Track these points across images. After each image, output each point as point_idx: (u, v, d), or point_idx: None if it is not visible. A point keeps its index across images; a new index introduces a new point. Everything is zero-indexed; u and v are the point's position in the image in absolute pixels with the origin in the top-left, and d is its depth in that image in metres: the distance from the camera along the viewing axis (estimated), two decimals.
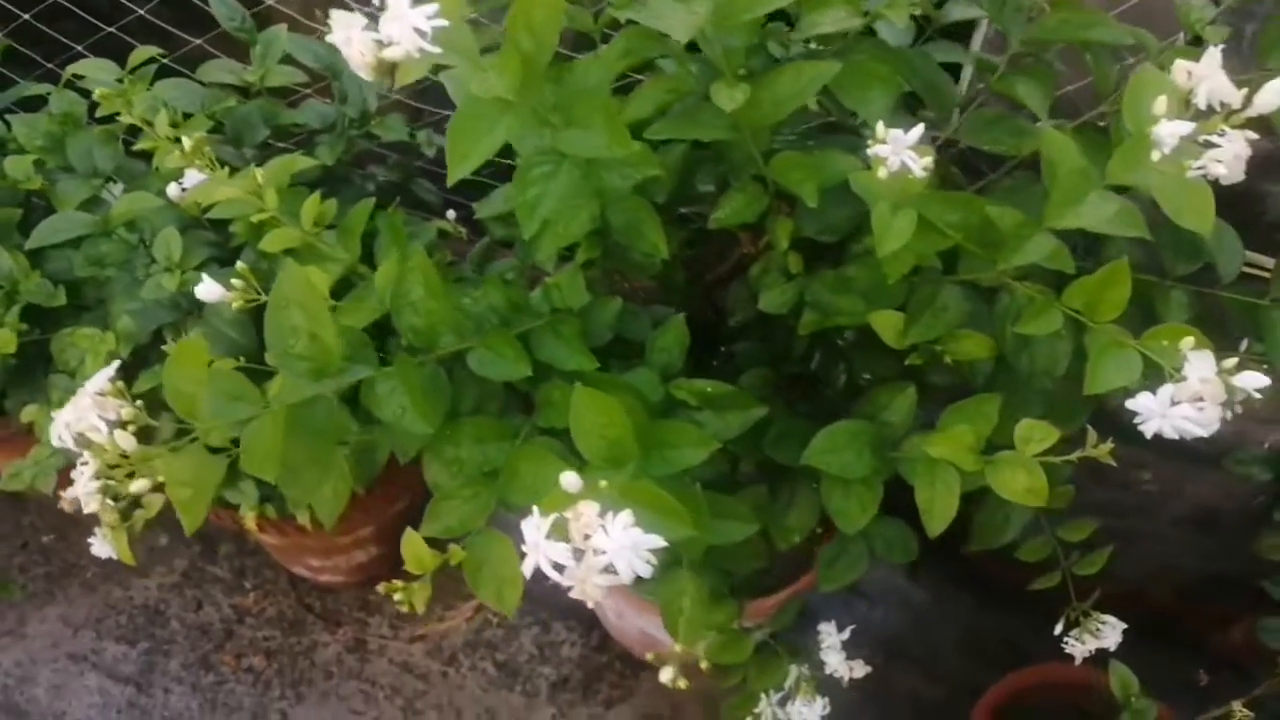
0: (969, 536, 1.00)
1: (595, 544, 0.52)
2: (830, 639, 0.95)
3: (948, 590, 1.62)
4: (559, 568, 0.53)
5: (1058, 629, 1.04)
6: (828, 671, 0.94)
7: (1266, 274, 0.85)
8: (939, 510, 0.71)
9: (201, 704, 1.54)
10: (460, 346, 0.70)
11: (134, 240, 1.06)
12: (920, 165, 0.64)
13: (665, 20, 0.62)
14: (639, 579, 0.52)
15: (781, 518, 0.89)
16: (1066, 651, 1.04)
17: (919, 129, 0.64)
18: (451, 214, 1.09)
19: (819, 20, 0.75)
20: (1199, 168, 0.52)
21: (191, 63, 1.17)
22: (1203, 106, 0.52)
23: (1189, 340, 0.57)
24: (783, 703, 0.94)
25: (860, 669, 0.95)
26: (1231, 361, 0.57)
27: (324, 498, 0.79)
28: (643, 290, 1.02)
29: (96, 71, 1.12)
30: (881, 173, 0.64)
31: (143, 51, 1.12)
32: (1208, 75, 0.52)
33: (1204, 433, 0.57)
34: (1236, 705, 1.06)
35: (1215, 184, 0.56)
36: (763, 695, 0.95)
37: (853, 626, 0.97)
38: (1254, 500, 1.19)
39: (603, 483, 0.54)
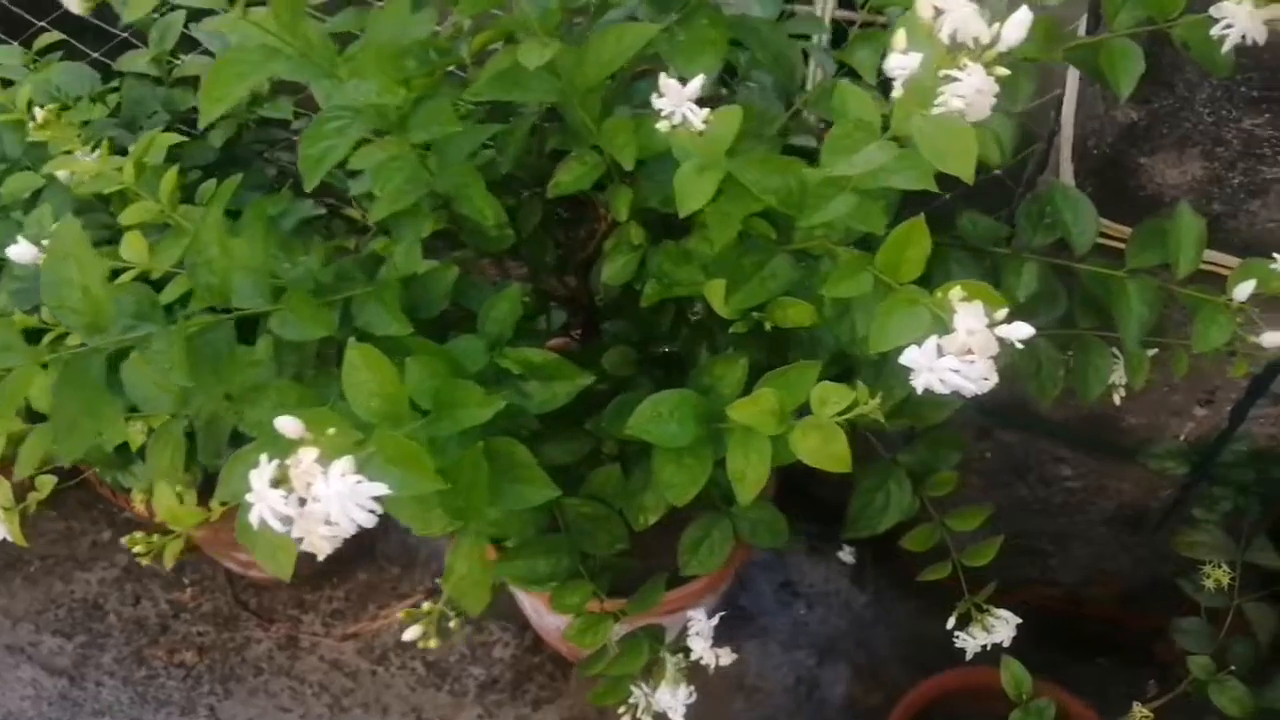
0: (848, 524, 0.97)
1: (313, 492, 0.50)
2: (699, 625, 0.92)
3: (889, 592, 1.58)
4: (286, 519, 0.52)
5: (949, 623, 1.01)
6: (693, 658, 0.92)
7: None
8: (751, 478, 0.69)
9: (132, 698, 1.54)
10: (262, 309, 0.69)
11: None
12: (699, 118, 0.62)
13: None
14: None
15: (636, 497, 0.87)
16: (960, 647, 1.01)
17: (699, 80, 0.62)
18: None
19: None
20: (939, 105, 0.49)
21: None
22: (947, 42, 0.50)
23: (957, 291, 0.55)
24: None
25: (727, 656, 0.92)
26: (1002, 312, 0.54)
27: (162, 468, 0.78)
28: (517, 274, 1.01)
29: (3, 57, 1.14)
30: (663, 125, 0.62)
31: (47, 37, 1.14)
32: (952, 9, 0.50)
33: (974, 388, 0.54)
34: (1138, 706, 1.02)
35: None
36: (634, 685, 0.93)
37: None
38: (1165, 495, 1.15)
39: (330, 430, 0.52)
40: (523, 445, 0.71)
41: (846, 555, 1.64)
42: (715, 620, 0.94)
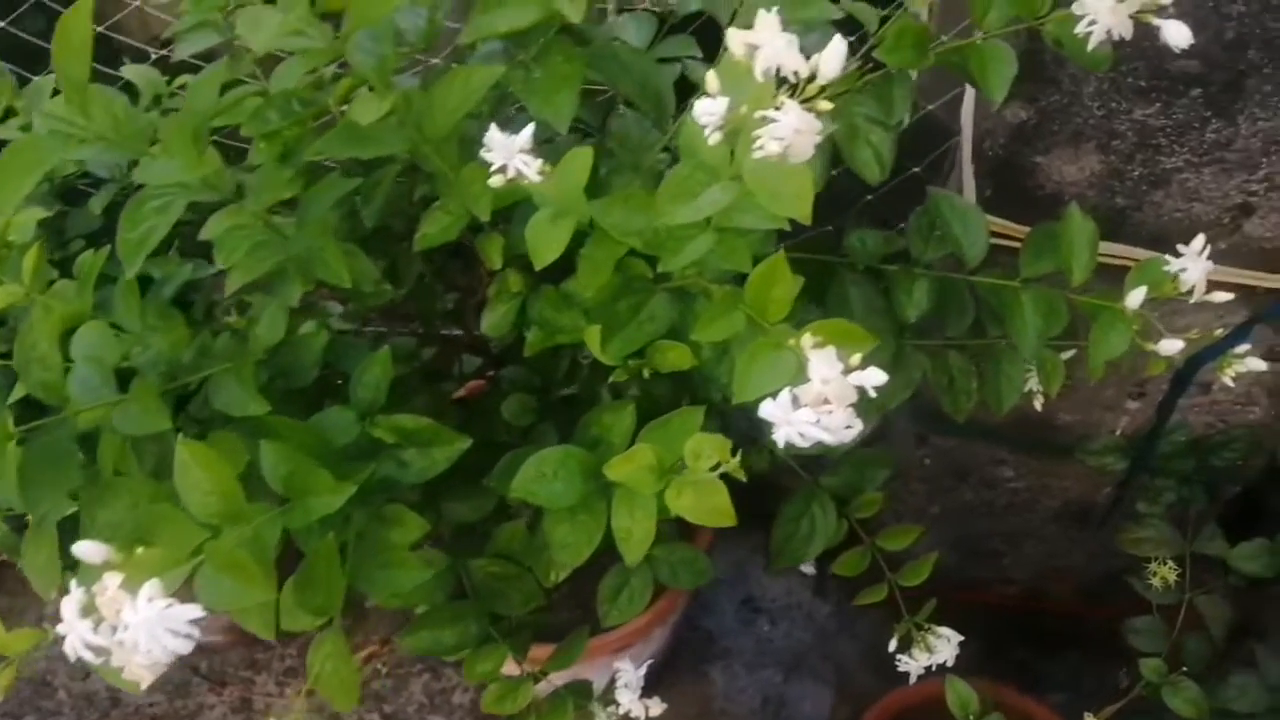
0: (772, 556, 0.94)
1: (122, 620, 0.46)
2: (626, 676, 0.88)
3: (851, 602, 1.55)
4: (100, 651, 0.48)
5: (891, 645, 0.98)
6: (622, 711, 0.88)
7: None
8: (638, 537, 0.65)
9: None
10: (106, 401, 0.65)
11: None
12: (534, 169, 0.58)
13: (252, 35, 0.57)
14: None
15: (544, 553, 0.83)
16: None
17: (528, 131, 0.59)
18: None
19: (492, 22, 0.70)
20: (758, 148, 0.46)
21: None
22: (761, 79, 0.46)
23: (808, 337, 0.51)
24: None
25: (657, 707, 0.88)
26: (856, 357, 0.50)
27: (37, 566, 0.74)
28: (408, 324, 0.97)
29: None
30: (496, 180, 0.59)
31: None
32: (765, 43, 0.46)
33: (835, 440, 0.51)
34: (1089, 718, 0.98)
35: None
36: None
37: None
38: (1108, 491, 1.12)
39: (139, 549, 0.48)
40: (401, 522, 0.68)
41: (807, 566, 1.60)
42: (643, 670, 0.90)
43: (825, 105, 0.47)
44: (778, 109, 0.46)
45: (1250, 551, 1.03)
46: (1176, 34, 0.62)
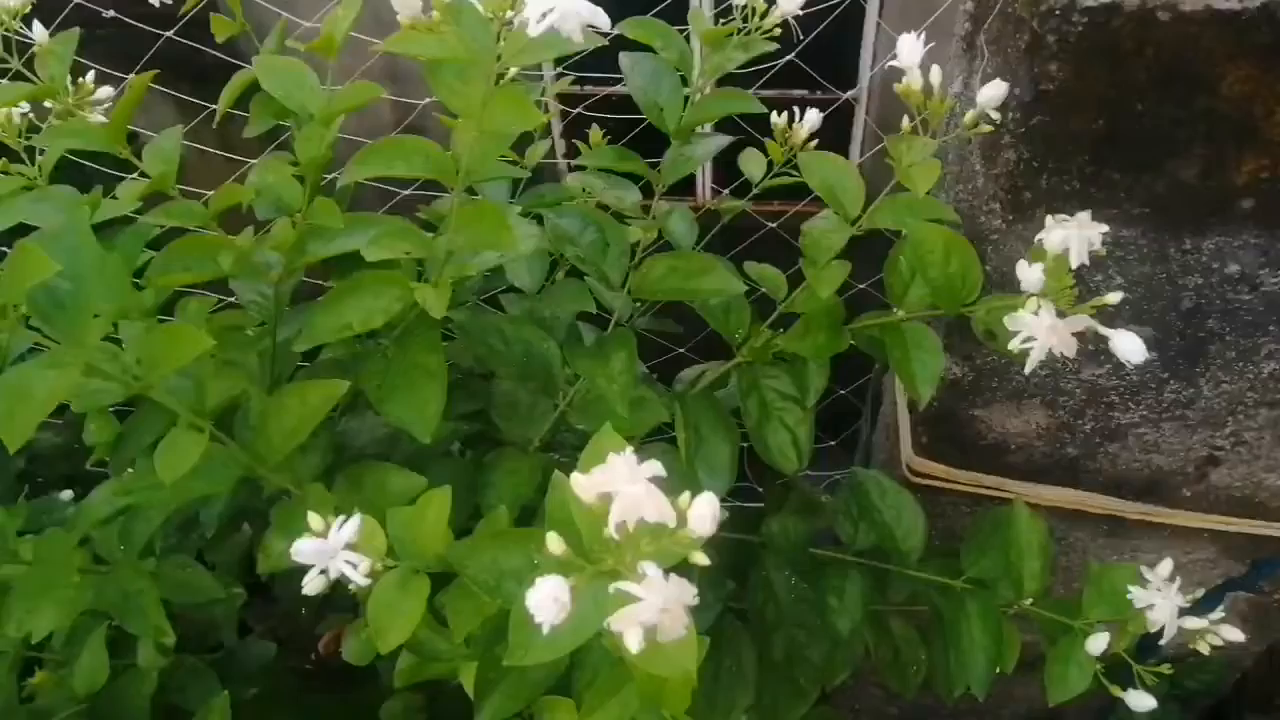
0: None
1: None
2: None
3: None
4: None
5: None
6: None
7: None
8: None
9: None
10: None
11: None
12: (362, 571, 0.48)
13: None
14: None
15: None
16: None
17: (354, 523, 0.48)
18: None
19: (339, 318, 0.60)
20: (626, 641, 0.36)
21: None
22: (616, 535, 0.36)
23: None
24: None
25: None
26: None
27: None
28: None
29: None
30: (313, 585, 0.48)
31: None
32: (623, 493, 0.36)
33: None
34: None
35: None
36: None
37: None
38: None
39: None
40: None
41: None
42: None
43: (702, 560, 0.37)
44: (639, 579, 0.36)
45: None
46: (1128, 347, 0.53)
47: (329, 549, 0.47)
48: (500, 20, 0.49)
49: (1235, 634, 0.69)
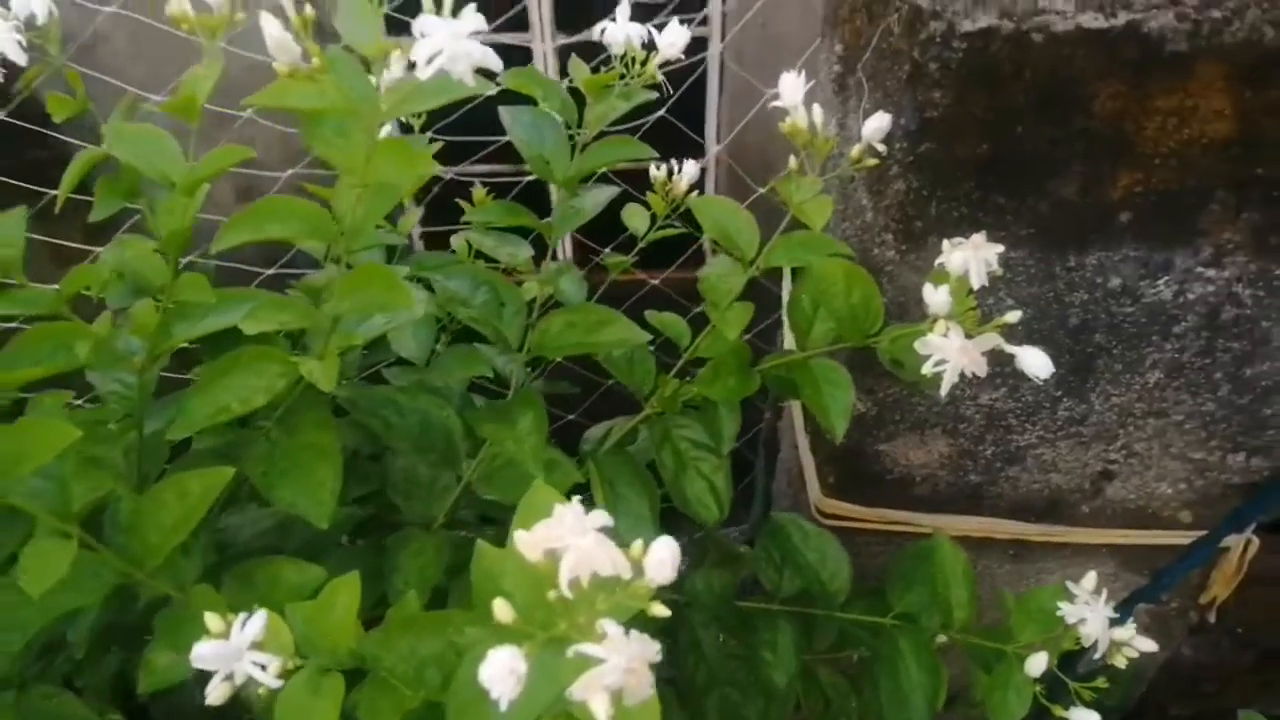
0: None
1: None
2: None
3: None
4: None
5: None
6: None
7: None
8: None
9: None
10: None
11: None
12: (272, 673, 0.43)
13: None
14: None
15: None
16: None
17: (259, 621, 0.43)
18: None
19: (217, 399, 0.55)
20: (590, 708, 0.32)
21: None
22: (568, 592, 0.33)
23: None
24: None
25: None
26: None
27: None
28: None
29: None
30: (216, 694, 0.43)
31: None
32: (574, 547, 0.33)
33: None
34: None
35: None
36: None
37: None
38: None
39: None
40: None
41: None
42: None
43: (662, 610, 0.35)
44: (602, 638, 0.33)
45: None
46: (1035, 362, 0.54)
47: (232, 651, 0.42)
48: (381, 65, 0.46)
49: (1149, 644, 0.70)
